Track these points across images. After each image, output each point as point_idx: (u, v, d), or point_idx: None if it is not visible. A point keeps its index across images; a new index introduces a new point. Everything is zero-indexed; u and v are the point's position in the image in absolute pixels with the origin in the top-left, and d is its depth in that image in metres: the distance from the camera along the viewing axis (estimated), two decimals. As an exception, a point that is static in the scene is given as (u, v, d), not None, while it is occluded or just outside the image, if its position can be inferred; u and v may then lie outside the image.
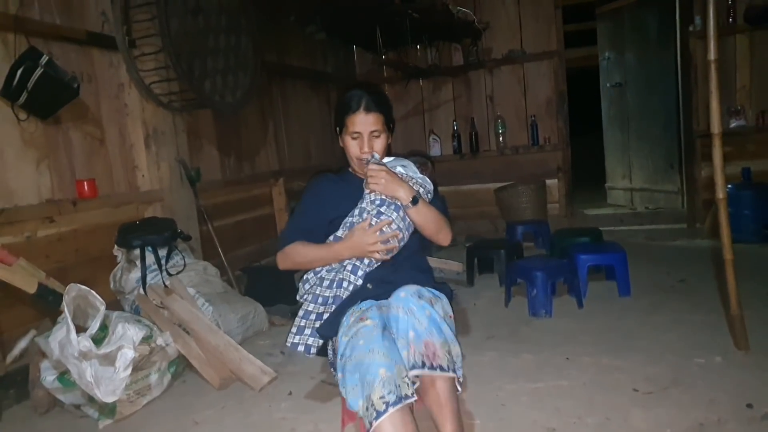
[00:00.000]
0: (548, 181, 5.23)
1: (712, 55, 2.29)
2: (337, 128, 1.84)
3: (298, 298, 1.80)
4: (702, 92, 4.60)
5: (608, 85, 5.86)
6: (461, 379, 1.56)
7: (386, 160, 1.83)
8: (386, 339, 1.47)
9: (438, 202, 1.86)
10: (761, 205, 4.21)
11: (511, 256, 3.71)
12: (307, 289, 1.76)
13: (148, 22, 2.84)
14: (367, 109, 1.74)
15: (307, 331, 1.70)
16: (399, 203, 1.73)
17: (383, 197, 1.74)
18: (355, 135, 1.76)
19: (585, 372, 2.29)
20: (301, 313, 1.73)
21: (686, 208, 5.02)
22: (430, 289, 1.62)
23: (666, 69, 5.14)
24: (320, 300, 1.71)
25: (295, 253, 1.77)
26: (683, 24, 4.76)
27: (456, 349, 1.54)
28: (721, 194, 2.32)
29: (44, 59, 2.37)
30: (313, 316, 1.70)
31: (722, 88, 2.30)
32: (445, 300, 1.63)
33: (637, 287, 3.28)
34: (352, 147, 1.78)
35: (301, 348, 1.69)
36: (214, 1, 3.09)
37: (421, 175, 1.86)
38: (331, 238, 1.78)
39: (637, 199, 5.70)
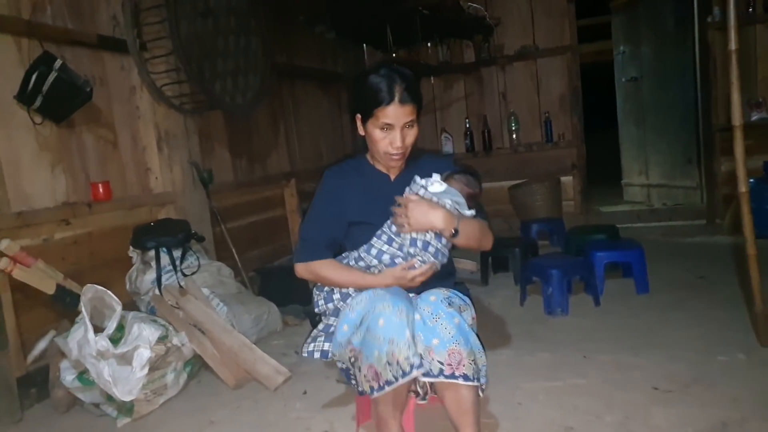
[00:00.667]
0: (563, 179, 5.17)
1: (733, 45, 2.24)
2: (359, 115, 1.65)
3: (317, 311, 1.74)
4: (721, 85, 4.51)
5: (623, 79, 5.78)
6: (484, 387, 1.54)
7: (433, 188, 1.62)
8: (413, 309, 1.48)
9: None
10: (784, 199, 4.11)
11: (525, 255, 3.67)
12: (332, 308, 1.69)
13: (159, 24, 2.86)
14: (403, 102, 1.56)
15: (322, 336, 1.67)
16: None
17: (419, 237, 1.60)
18: (386, 127, 1.60)
19: (603, 370, 2.25)
20: (321, 326, 1.69)
21: (705, 204, 4.93)
22: (459, 294, 1.59)
23: (683, 62, 5.05)
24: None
25: (322, 273, 1.67)
26: (701, 16, 4.67)
27: (482, 359, 1.52)
28: (743, 188, 2.27)
29: (58, 63, 2.39)
30: (332, 329, 1.65)
31: (742, 80, 2.24)
32: (471, 306, 1.60)
33: (656, 284, 3.22)
34: (381, 141, 1.61)
35: (317, 354, 1.64)
36: (224, 3, 3.10)
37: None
38: (359, 256, 1.66)
39: (654, 195, 5.61)
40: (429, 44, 5.15)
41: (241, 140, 3.90)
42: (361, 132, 1.67)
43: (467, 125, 5.45)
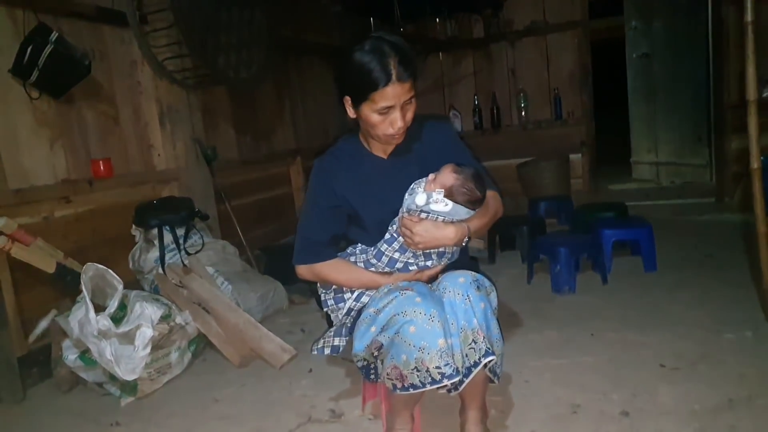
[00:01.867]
0: (571, 156, 5.10)
1: (749, 16, 2.15)
2: (348, 98, 1.50)
3: (325, 310, 1.69)
4: (734, 61, 4.41)
5: (634, 55, 5.66)
6: (499, 378, 1.50)
7: (437, 207, 1.47)
8: (444, 310, 1.41)
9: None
10: (795, 177, 4.04)
11: (533, 233, 3.63)
12: (344, 308, 1.62)
13: (159, -4, 2.80)
14: (400, 79, 1.40)
15: (332, 333, 1.61)
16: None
17: (433, 251, 1.53)
18: (384, 110, 1.45)
19: (610, 348, 2.23)
20: (331, 331, 1.61)
21: (715, 182, 4.86)
22: (485, 278, 1.51)
23: (695, 38, 4.93)
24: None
25: (329, 276, 1.59)
26: (715, -11, 4.56)
27: (499, 349, 1.46)
28: (755, 164, 2.21)
29: (54, 36, 2.34)
30: (344, 330, 1.60)
31: (757, 56, 2.17)
32: (495, 293, 1.52)
33: (664, 262, 3.19)
34: (381, 124, 1.47)
35: (327, 351, 1.57)
36: (226, -26, 3.03)
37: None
38: (368, 261, 1.57)
39: (663, 173, 5.52)
40: (437, 19, 5.05)
41: (246, 116, 3.85)
42: (352, 115, 1.52)
43: (476, 102, 5.37)
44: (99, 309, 2.18)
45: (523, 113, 5.25)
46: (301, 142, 4.42)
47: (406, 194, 1.53)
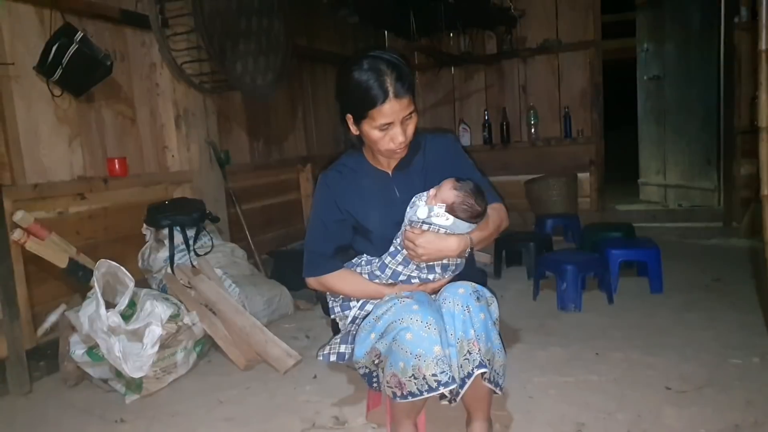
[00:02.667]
0: (580, 175, 5.12)
1: (763, 44, 2.17)
2: (350, 116, 1.52)
3: (332, 317, 1.70)
4: (745, 87, 4.43)
5: (645, 77, 5.69)
6: (502, 389, 1.50)
7: (438, 220, 1.49)
8: (442, 319, 1.42)
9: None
10: (804, 204, 4.04)
11: (540, 249, 3.64)
12: (349, 316, 1.64)
13: (181, 1, 2.84)
14: (398, 95, 1.44)
15: (338, 340, 1.62)
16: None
17: (436, 263, 1.54)
18: (384, 126, 1.48)
19: (615, 368, 2.23)
20: (338, 338, 1.62)
21: (723, 206, 4.86)
22: (485, 289, 1.53)
23: (707, 62, 4.96)
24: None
25: (335, 287, 1.62)
26: (728, 16, 4.59)
27: (500, 360, 1.47)
28: (766, 191, 2.21)
29: (79, 36, 2.38)
30: (350, 338, 1.61)
31: (767, 82, 2.19)
32: (496, 303, 1.53)
33: (670, 284, 3.19)
34: (381, 140, 1.49)
35: (333, 357, 1.58)
36: (248, -18, 3.08)
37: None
38: (372, 273, 1.59)
39: (671, 195, 5.53)
40: (451, 33, 5.09)
41: (260, 122, 3.89)
42: (354, 132, 1.55)
43: (486, 117, 5.40)
44: (109, 305, 2.20)
45: (532, 130, 5.28)
46: (312, 150, 4.45)
47: (408, 207, 1.56)
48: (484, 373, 1.41)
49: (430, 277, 1.56)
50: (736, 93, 4.54)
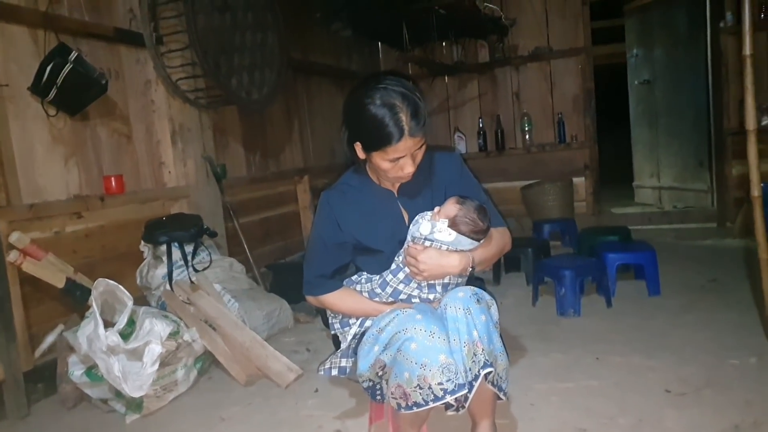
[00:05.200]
0: (575, 179, 5.15)
1: (747, 50, 2.21)
2: (359, 144, 1.51)
3: (332, 332, 1.71)
4: (733, 89, 4.49)
5: (636, 82, 5.74)
6: (506, 394, 1.50)
7: (441, 236, 1.50)
8: (445, 327, 1.43)
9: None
10: (795, 203, 4.09)
11: (538, 255, 3.65)
12: (350, 332, 1.64)
13: (175, 19, 2.86)
14: (413, 134, 1.43)
15: (339, 354, 1.63)
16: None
17: (437, 282, 1.54)
18: (396, 159, 1.47)
19: (616, 372, 2.24)
20: (338, 353, 1.64)
21: (716, 207, 4.90)
22: (484, 292, 1.54)
23: (695, 66, 5.02)
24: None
25: (335, 306, 1.63)
26: (714, 20, 4.64)
27: (503, 363, 1.48)
28: (756, 192, 2.24)
29: (73, 55, 2.39)
30: (350, 352, 1.62)
31: (755, 84, 2.22)
32: (495, 306, 1.54)
33: (667, 287, 3.20)
34: (391, 170, 1.50)
35: (335, 371, 1.59)
36: (241, -1, 3.10)
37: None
38: (372, 291, 1.59)
39: (666, 197, 5.57)
40: (444, 43, 5.14)
41: (256, 135, 3.91)
42: (362, 157, 1.54)
43: (480, 125, 5.43)
44: (107, 324, 2.19)
45: (527, 136, 5.31)
46: (309, 162, 4.47)
47: (411, 225, 1.57)
48: (489, 374, 1.42)
49: (431, 296, 1.56)
50: (724, 96, 4.59)
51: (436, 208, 1.56)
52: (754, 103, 2.24)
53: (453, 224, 1.51)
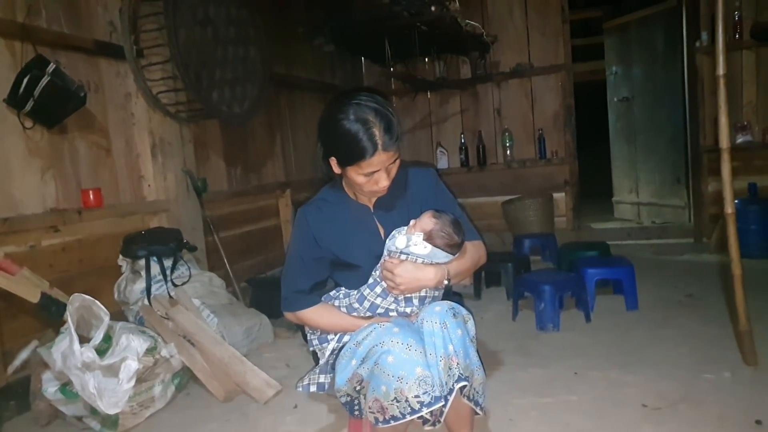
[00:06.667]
0: (555, 195, 5.21)
1: (721, 70, 2.28)
2: (334, 159, 1.52)
3: (311, 349, 1.71)
4: (709, 107, 4.59)
5: (615, 99, 5.85)
6: (483, 409, 1.51)
7: (416, 249, 1.53)
8: (422, 340, 1.44)
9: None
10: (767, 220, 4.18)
11: (518, 270, 3.68)
12: (328, 347, 1.65)
13: (156, 32, 2.86)
14: (386, 148, 1.45)
15: (316, 370, 1.64)
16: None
17: (414, 295, 1.56)
18: (371, 173, 1.49)
19: (594, 387, 2.25)
20: (317, 369, 1.64)
21: (693, 223, 4.99)
22: (461, 307, 1.55)
23: (673, 84, 5.13)
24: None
25: (313, 323, 1.63)
26: (690, 40, 4.76)
27: (479, 378, 1.49)
28: (729, 209, 2.29)
29: (51, 68, 2.37)
30: (328, 368, 1.61)
31: (729, 103, 2.29)
32: (472, 321, 1.55)
33: (645, 301, 3.25)
34: (366, 184, 1.52)
35: (313, 388, 1.60)
36: (223, 12, 3.11)
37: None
38: (350, 305, 1.60)
39: (644, 213, 5.66)
40: (426, 59, 5.19)
41: (237, 149, 3.89)
42: (337, 171, 1.55)
43: (462, 140, 5.48)
44: (83, 340, 2.16)
45: (508, 152, 5.37)
46: (291, 175, 4.46)
47: (387, 240, 1.59)
48: (464, 388, 1.43)
49: (408, 310, 1.57)
50: (700, 113, 4.69)
51: (412, 221, 1.58)
52: (728, 121, 2.30)
53: (429, 238, 1.53)
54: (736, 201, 2.33)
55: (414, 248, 1.52)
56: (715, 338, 2.65)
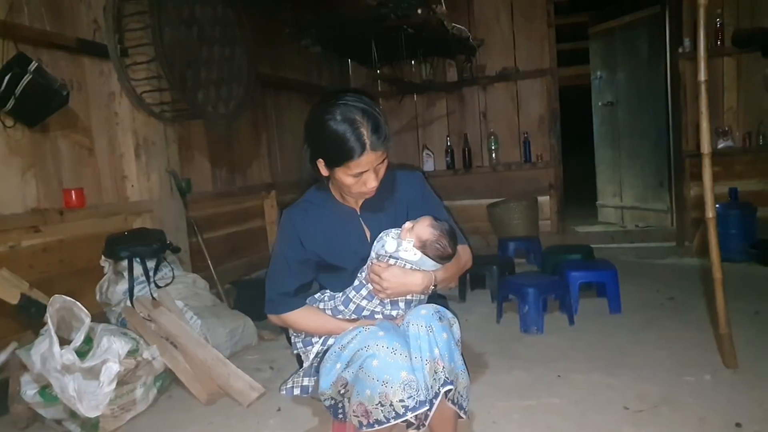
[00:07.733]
0: (540, 198, 5.25)
1: (702, 76, 2.31)
2: (322, 160, 1.51)
3: (294, 352, 1.70)
4: (691, 112, 4.67)
5: (600, 103, 5.91)
6: (467, 412, 1.51)
7: (406, 255, 1.52)
8: (407, 344, 1.43)
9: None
10: (748, 224, 4.25)
11: (503, 272, 3.70)
12: (312, 351, 1.64)
13: (141, 31, 2.83)
14: (374, 148, 1.44)
15: (300, 373, 1.62)
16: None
17: (400, 299, 1.56)
18: (359, 174, 1.48)
19: (576, 389, 2.27)
20: (301, 372, 1.63)
21: (675, 227, 5.05)
22: (447, 310, 1.55)
23: (656, 89, 5.20)
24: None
25: (297, 325, 1.62)
26: (673, 46, 4.83)
27: (464, 381, 1.49)
28: (710, 213, 2.33)
29: (33, 66, 2.34)
30: (312, 371, 1.61)
31: (710, 109, 2.32)
32: (457, 324, 1.56)
33: (628, 304, 3.28)
34: (354, 185, 1.50)
35: (297, 391, 1.59)
36: (209, 13, 3.09)
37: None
38: (335, 308, 1.59)
39: (628, 217, 5.72)
40: (413, 62, 5.20)
41: (222, 150, 3.87)
42: (325, 174, 1.53)
43: (448, 143, 5.51)
44: (63, 342, 2.13)
45: (493, 155, 5.40)
46: (277, 176, 4.44)
47: (375, 242, 1.59)
48: (449, 392, 1.43)
49: (393, 312, 1.57)
50: (682, 119, 4.76)
51: (408, 224, 1.57)
52: (709, 127, 2.33)
53: (422, 246, 1.53)
54: (717, 205, 2.36)
55: (404, 254, 1.52)
56: (696, 341, 2.68)
